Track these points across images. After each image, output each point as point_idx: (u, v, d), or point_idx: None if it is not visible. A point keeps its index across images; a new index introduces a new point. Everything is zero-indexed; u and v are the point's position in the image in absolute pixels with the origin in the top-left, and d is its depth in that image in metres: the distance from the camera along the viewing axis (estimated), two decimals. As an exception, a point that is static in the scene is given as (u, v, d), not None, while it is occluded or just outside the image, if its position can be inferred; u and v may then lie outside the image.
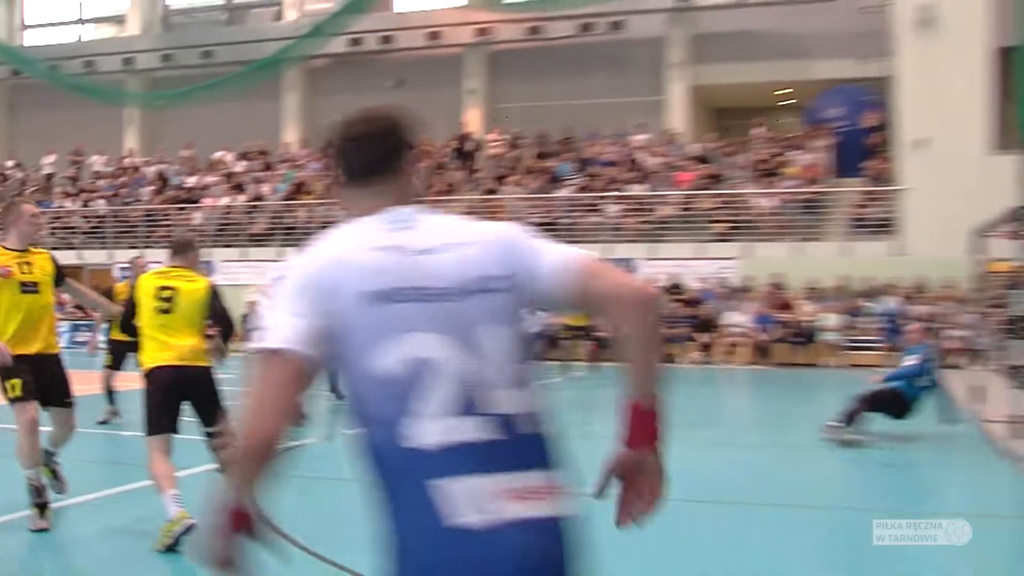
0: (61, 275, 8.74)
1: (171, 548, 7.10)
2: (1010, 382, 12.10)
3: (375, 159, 2.95)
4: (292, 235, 32.59)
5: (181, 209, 36.54)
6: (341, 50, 38.37)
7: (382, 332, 2.68)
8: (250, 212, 34.89)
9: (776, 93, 36.66)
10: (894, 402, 12.84)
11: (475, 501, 2.57)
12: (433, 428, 2.62)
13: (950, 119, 27.74)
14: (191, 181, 38.12)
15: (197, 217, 35.36)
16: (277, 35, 39.22)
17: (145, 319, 8.04)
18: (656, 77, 35.86)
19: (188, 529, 7.01)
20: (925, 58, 28.59)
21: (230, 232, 34.87)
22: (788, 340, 26.98)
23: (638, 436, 2.84)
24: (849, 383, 22.27)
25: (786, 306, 27.54)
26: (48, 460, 8.51)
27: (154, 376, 7.84)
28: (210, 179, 37.36)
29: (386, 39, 37.96)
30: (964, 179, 26.00)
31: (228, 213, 35.83)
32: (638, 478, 2.84)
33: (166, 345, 7.88)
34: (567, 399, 19.13)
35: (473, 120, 37.40)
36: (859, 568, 7.32)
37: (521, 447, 2.68)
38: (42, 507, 7.97)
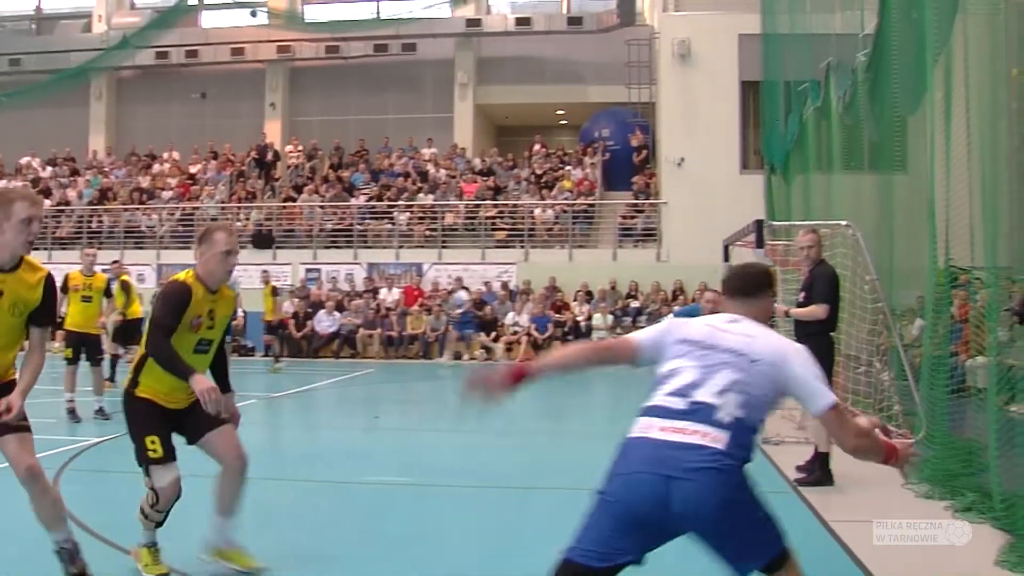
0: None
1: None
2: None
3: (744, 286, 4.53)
4: (97, 239, 31.40)
5: (-13, 212, 34.68)
6: (148, 62, 37.14)
7: (672, 354, 4.26)
8: (56, 216, 33.40)
9: (553, 113, 37.09)
10: None
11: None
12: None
13: (705, 141, 28.49)
14: (-2, 186, 36.26)
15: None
16: (85, 46, 37.66)
17: None
18: (444, 96, 35.83)
19: None
20: (683, 87, 29.29)
21: (36, 236, 33.13)
22: (562, 338, 27.19)
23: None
24: (617, 378, 22.65)
25: (561, 307, 27.82)
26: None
27: None
28: (16, 184, 35.61)
29: (191, 53, 36.87)
30: (717, 195, 26.69)
31: (34, 216, 34.00)
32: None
33: None
34: (359, 395, 18.91)
35: (273, 132, 36.64)
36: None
37: (690, 415, 4.01)
38: None
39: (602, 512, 4.01)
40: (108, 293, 14.45)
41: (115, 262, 18.62)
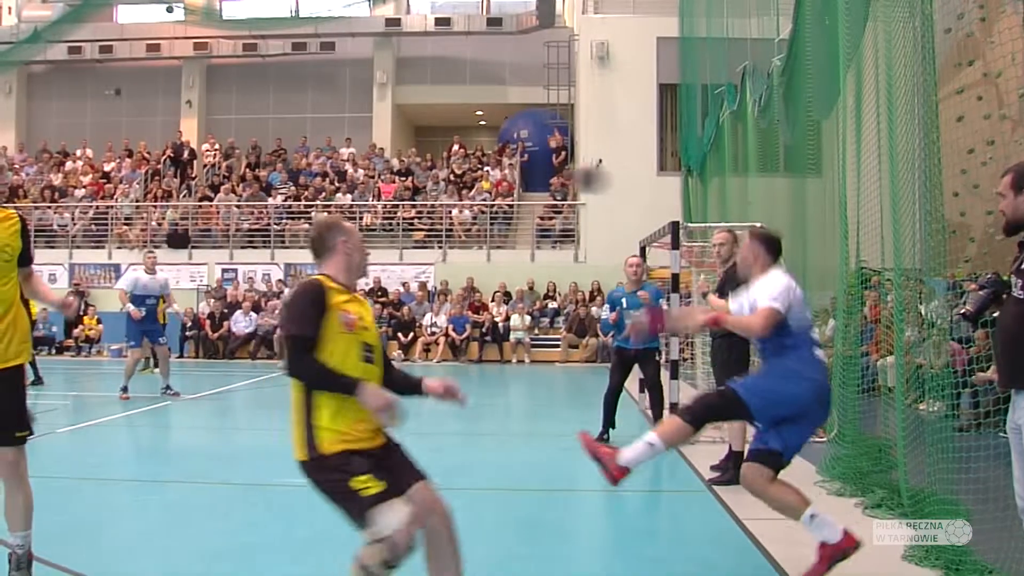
0: None
1: None
2: (668, 374, 12.51)
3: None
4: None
5: None
6: (61, 57, 36.50)
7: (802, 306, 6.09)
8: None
9: (472, 114, 37.10)
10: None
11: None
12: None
13: (623, 143, 28.66)
14: None
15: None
16: (-6, 39, 37.03)
17: None
18: (363, 95, 35.72)
19: None
20: (602, 89, 29.49)
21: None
22: (480, 339, 27.26)
23: None
24: (534, 375, 22.70)
25: (479, 308, 27.84)
26: None
27: None
28: (-78, 181, 34.85)
29: (106, 48, 36.30)
30: (635, 196, 26.88)
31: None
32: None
33: None
34: (277, 396, 18.75)
35: (190, 130, 36.19)
36: (533, 538, 7.31)
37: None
38: None
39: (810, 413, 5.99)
40: None
41: None
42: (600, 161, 27.46)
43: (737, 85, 19.05)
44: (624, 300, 12.21)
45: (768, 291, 6.03)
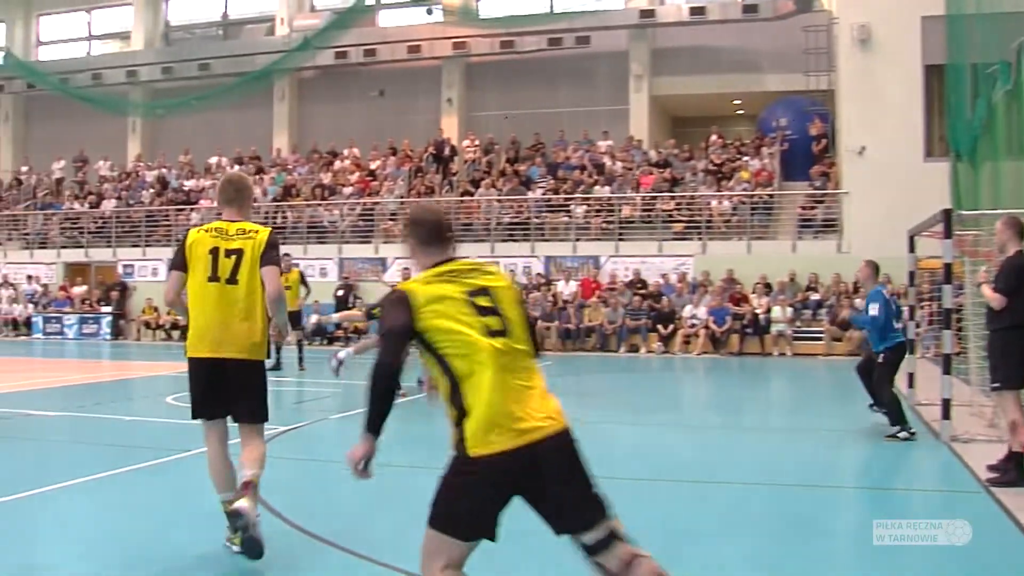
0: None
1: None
2: (940, 369, 12.20)
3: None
4: (281, 235, 32.50)
5: (179, 210, 36.45)
6: (328, 62, 38.38)
7: None
8: (244, 213, 34.67)
9: (730, 103, 36.78)
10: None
11: None
12: None
13: (887, 128, 27.87)
14: (189, 184, 38.12)
15: (194, 218, 35.15)
16: (269, 48, 39.25)
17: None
18: (619, 88, 35.96)
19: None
20: (864, 73, 28.73)
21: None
22: (740, 331, 27.12)
23: None
24: (795, 370, 22.45)
25: (740, 300, 27.69)
26: None
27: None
28: (206, 182, 37.25)
29: (369, 52, 37.87)
30: (900, 183, 26.16)
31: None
32: None
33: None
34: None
35: (450, 127, 37.38)
36: (798, 536, 7.38)
37: None
38: None
39: None
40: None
41: (285, 255, 19.03)
42: (864, 148, 26.85)
43: (1012, 62, 18.32)
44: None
45: None
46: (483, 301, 4.38)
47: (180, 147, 39.80)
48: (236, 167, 37.56)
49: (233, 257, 6.56)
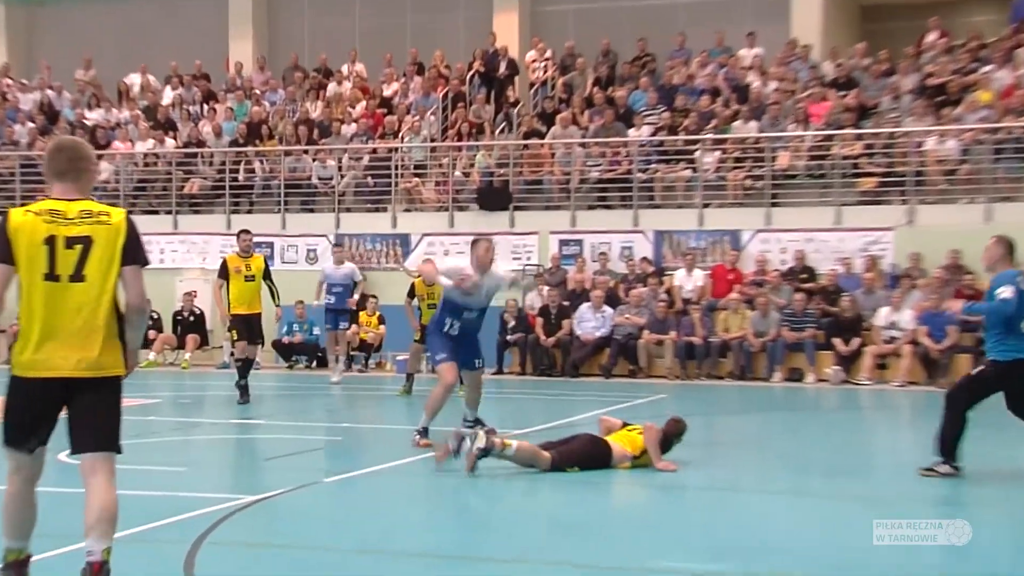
0: None
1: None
2: None
3: None
4: (244, 197, 31.89)
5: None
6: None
7: None
8: (185, 164, 34.18)
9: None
10: None
11: None
12: None
13: None
14: (93, 116, 37.76)
15: (104, 170, 34.52)
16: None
17: None
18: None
19: None
20: None
21: (154, 193, 34.53)
22: (972, 349, 25.90)
23: None
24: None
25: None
26: None
27: None
28: (122, 114, 36.77)
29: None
30: None
31: (151, 165, 35.33)
32: None
33: None
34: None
35: (507, 31, 36.81)
36: None
37: None
38: None
39: None
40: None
41: (244, 231, 21.76)
42: None
43: None
44: None
45: None
46: None
47: (78, 58, 39.58)
48: (174, 92, 37.07)
49: (78, 247, 7.20)
